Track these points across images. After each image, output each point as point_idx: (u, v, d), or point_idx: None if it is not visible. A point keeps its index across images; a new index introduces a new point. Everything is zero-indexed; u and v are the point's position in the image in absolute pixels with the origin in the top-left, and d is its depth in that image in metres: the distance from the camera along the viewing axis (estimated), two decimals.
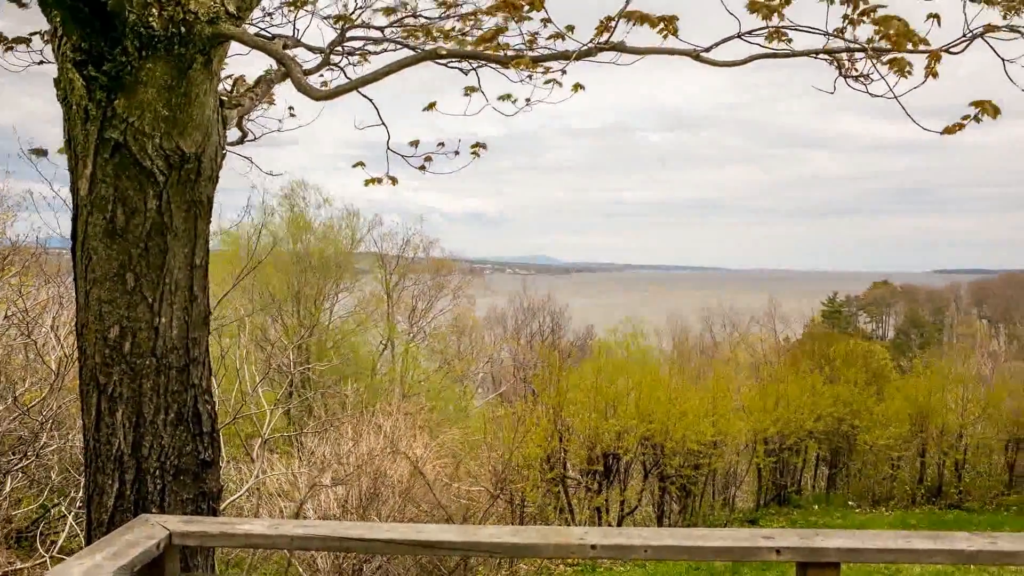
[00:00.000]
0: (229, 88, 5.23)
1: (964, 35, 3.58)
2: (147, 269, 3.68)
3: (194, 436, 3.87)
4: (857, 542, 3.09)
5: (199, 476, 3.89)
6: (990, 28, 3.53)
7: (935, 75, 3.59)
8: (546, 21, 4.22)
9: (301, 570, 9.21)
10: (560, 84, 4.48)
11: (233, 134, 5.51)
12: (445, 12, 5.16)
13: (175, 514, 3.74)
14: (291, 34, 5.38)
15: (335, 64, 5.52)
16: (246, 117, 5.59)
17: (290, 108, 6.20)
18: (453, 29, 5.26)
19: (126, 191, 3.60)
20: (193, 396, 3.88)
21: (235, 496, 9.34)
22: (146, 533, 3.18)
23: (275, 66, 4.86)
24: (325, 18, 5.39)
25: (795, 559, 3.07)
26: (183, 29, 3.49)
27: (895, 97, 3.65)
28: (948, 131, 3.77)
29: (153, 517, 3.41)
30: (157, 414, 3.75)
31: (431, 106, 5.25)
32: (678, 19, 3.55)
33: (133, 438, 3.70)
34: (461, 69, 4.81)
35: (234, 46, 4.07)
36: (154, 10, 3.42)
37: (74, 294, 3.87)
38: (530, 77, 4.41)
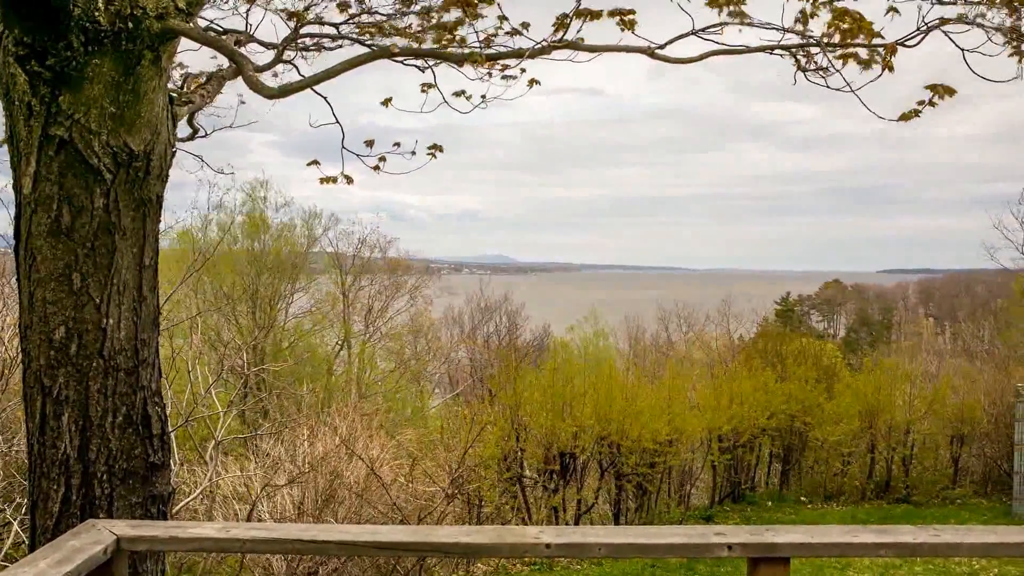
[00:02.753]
0: (180, 84, 5.15)
1: (919, 28, 3.64)
2: (94, 269, 3.60)
3: (143, 439, 3.80)
4: (806, 537, 3.15)
5: (148, 479, 3.82)
6: (944, 21, 3.60)
7: (891, 68, 3.65)
8: (502, 19, 4.22)
9: (256, 573, 9.10)
10: (516, 77, 4.49)
11: (184, 131, 5.43)
12: (400, 9, 5.14)
13: (124, 519, 3.67)
14: (244, 29, 5.31)
15: (289, 61, 5.47)
16: (198, 114, 5.50)
17: (240, 96, 6.11)
18: (409, 26, 5.24)
19: (72, 189, 3.52)
20: (142, 398, 3.81)
21: (188, 499, 9.20)
22: (93, 538, 3.11)
23: (227, 63, 4.79)
24: (279, 11, 5.33)
25: (746, 555, 3.12)
26: (130, 24, 3.42)
27: (852, 91, 3.71)
28: (904, 117, 3.85)
29: (100, 522, 3.34)
30: (105, 417, 3.67)
31: (387, 102, 5.22)
32: (635, 12, 3.57)
33: (80, 442, 3.62)
34: (417, 67, 4.79)
35: (185, 41, 4.01)
36: (100, 4, 3.35)
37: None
38: (490, 75, 4.41)
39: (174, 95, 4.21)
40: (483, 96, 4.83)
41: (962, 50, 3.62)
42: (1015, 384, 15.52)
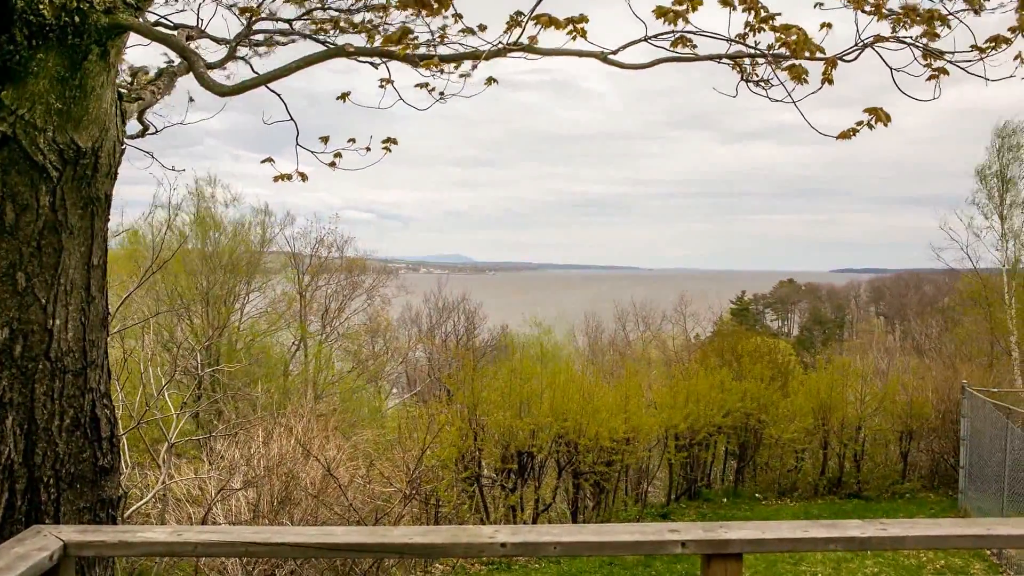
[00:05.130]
0: (129, 80, 5.05)
1: (856, 44, 3.76)
2: (40, 269, 3.52)
3: (91, 442, 3.72)
4: (758, 533, 3.19)
5: (97, 483, 3.75)
6: (879, 39, 3.71)
7: (831, 82, 3.75)
8: (457, 17, 4.21)
9: None
10: (471, 75, 4.49)
11: (134, 128, 5.33)
12: (355, 4, 5.10)
13: (71, 524, 3.59)
14: (195, 24, 5.23)
15: (242, 57, 5.40)
16: (148, 110, 5.40)
17: (190, 97, 6.03)
18: (364, 21, 5.20)
19: (16, 187, 3.43)
20: (91, 401, 3.73)
21: (140, 503, 9.04)
22: (38, 544, 3.03)
23: (178, 59, 4.72)
24: (231, 7, 5.26)
25: (700, 551, 3.15)
26: (77, 18, 3.34)
27: (793, 102, 3.79)
28: (843, 136, 3.94)
29: (46, 528, 3.25)
30: (51, 420, 3.58)
31: (344, 96, 5.19)
32: (587, 19, 3.60)
33: (24, 446, 3.53)
34: (372, 63, 4.76)
35: (135, 36, 3.93)
36: None
37: None
38: (441, 72, 4.40)
39: (123, 91, 4.13)
40: (441, 93, 4.82)
41: (891, 68, 3.75)
42: (962, 380, 15.94)
